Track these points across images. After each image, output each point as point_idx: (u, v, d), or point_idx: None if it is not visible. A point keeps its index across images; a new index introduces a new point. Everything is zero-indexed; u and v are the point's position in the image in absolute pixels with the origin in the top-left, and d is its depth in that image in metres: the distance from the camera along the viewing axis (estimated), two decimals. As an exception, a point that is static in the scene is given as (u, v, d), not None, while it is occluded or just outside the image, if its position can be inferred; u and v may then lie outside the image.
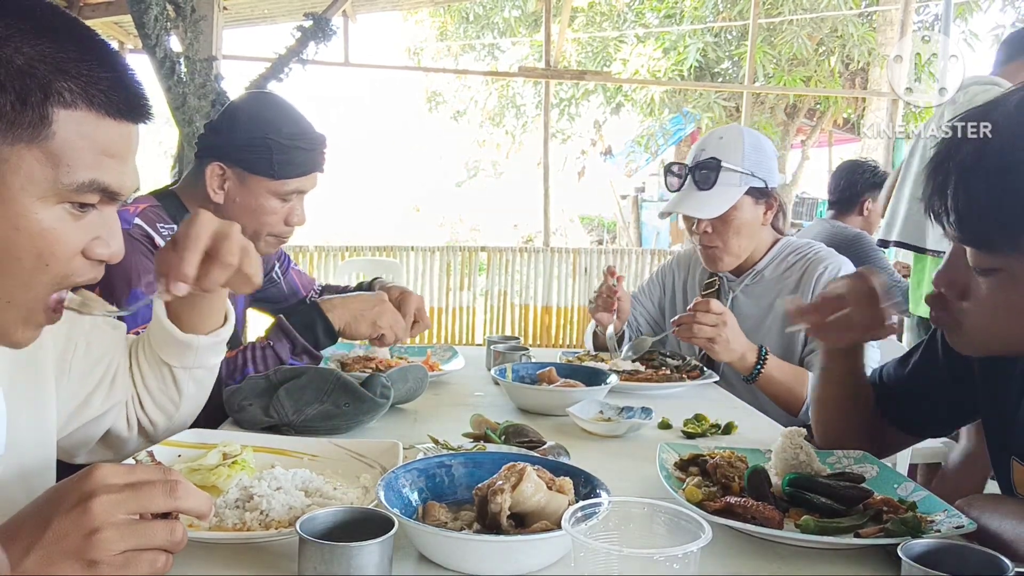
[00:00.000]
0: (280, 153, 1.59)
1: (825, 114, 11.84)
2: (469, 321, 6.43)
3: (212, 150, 1.61)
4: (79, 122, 0.77)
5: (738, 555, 0.93)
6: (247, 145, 1.58)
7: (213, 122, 1.64)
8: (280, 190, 1.63)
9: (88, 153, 0.78)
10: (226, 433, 1.22)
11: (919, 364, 1.28)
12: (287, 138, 1.60)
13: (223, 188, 1.62)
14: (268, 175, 1.60)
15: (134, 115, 0.82)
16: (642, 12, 12.37)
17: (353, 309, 1.60)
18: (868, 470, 1.15)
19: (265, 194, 1.62)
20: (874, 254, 3.45)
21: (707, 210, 1.93)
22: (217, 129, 1.62)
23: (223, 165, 1.60)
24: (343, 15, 6.38)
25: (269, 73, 4.84)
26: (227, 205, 1.62)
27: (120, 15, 5.65)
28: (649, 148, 12.87)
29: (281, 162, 1.60)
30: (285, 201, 1.65)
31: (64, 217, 0.80)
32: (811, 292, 1.92)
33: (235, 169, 1.61)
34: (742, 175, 1.92)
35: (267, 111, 1.62)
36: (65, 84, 0.76)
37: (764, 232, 2.03)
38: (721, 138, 1.98)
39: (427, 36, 14.75)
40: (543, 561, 0.86)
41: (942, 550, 0.80)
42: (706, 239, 1.99)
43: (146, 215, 1.56)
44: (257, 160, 1.59)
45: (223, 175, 1.61)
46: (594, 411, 1.52)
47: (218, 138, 1.61)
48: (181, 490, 0.73)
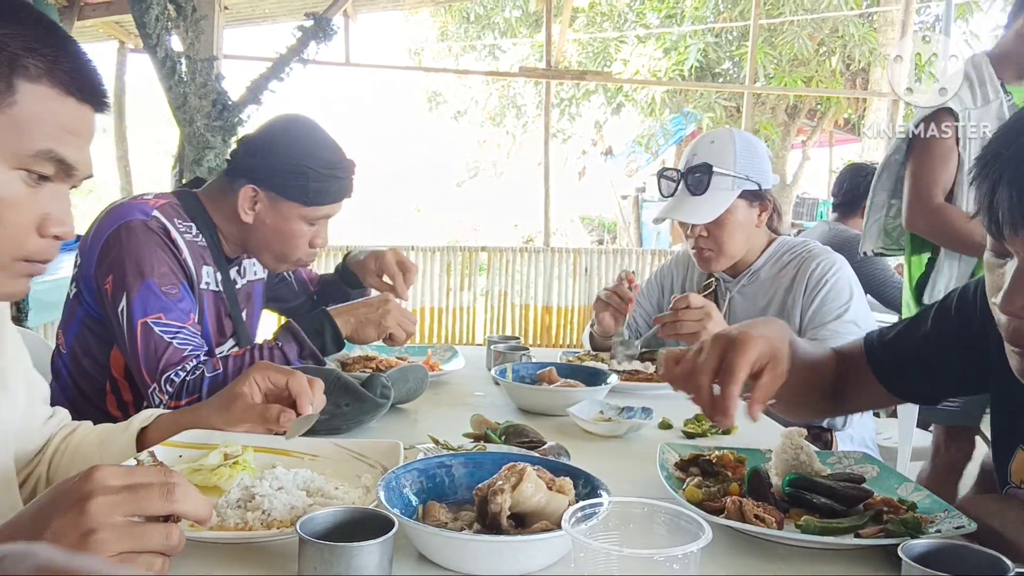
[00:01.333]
0: (316, 181, 1.60)
1: (826, 114, 11.84)
2: (469, 321, 6.43)
3: (247, 171, 1.61)
4: (42, 96, 0.82)
5: (738, 555, 0.93)
6: (284, 171, 1.59)
7: (250, 142, 1.63)
8: (311, 215, 1.64)
9: (48, 125, 0.83)
10: (227, 433, 1.21)
11: (927, 333, 1.24)
12: (324, 167, 1.61)
13: (254, 209, 1.62)
14: (302, 201, 1.61)
15: (93, 100, 0.87)
16: (643, 12, 12.38)
17: (358, 315, 1.62)
18: (868, 470, 1.15)
19: (296, 219, 1.63)
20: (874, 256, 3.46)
21: (700, 216, 1.94)
22: (254, 151, 1.61)
23: (256, 187, 1.61)
24: (344, 15, 6.38)
25: (270, 73, 4.84)
26: (256, 226, 1.63)
27: (121, 15, 5.65)
28: (650, 148, 12.87)
29: (316, 190, 1.61)
30: (312, 225, 1.67)
31: (18, 183, 0.83)
32: (804, 289, 1.93)
33: (268, 192, 1.61)
34: (734, 179, 1.92)
35: (306, 138, 1.62)
36: (31, 61, 0.81)
37: (759, 233, 2.03)
38: (712, 142, 1.98)
39: (428, 36, 14.76)
40: (543, 561, 0.86)
41: (942, 550, 0.80)
42: (701, 242, 1.99)
43: (165, 209, 1.57)
44: (292, 186, 1.60)
45: (255, 197, 1.62)
46: (594, 411, 1.52)
47: (255, 160, 1.61)
48: (179, 493, 0.73)
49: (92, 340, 1.59)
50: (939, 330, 1.22)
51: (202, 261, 1.62)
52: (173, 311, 1.48)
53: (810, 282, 1.92)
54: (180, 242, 1.56)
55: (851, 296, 1.91)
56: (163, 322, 1.47)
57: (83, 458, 1.15)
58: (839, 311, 1.87)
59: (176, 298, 1.50)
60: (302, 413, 1.17)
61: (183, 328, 1.49)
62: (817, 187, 12.34)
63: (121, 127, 6.92)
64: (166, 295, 1.48)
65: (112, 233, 1.50)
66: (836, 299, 1.89)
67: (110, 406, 1.61)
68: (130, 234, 1.50)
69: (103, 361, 1.59)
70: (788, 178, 11.57)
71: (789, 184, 11.47)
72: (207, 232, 1.64)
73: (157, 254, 1.50)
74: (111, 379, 1.60)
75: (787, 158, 11.83)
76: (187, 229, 1.60)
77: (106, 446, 1.16)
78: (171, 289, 1.49)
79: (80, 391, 1.61)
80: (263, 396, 1.20)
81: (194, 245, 1.60)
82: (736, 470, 1.14)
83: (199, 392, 1.44)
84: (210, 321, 1.65)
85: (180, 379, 1.45)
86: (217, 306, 1.67)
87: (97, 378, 1.60)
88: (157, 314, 1.46)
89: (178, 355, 1.46)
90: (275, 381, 1.20)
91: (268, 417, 1.16)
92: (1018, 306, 0.86)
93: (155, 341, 1.46)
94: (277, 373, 1.20)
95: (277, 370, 1.21)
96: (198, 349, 1.50)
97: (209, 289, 1.64)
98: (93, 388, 1.61)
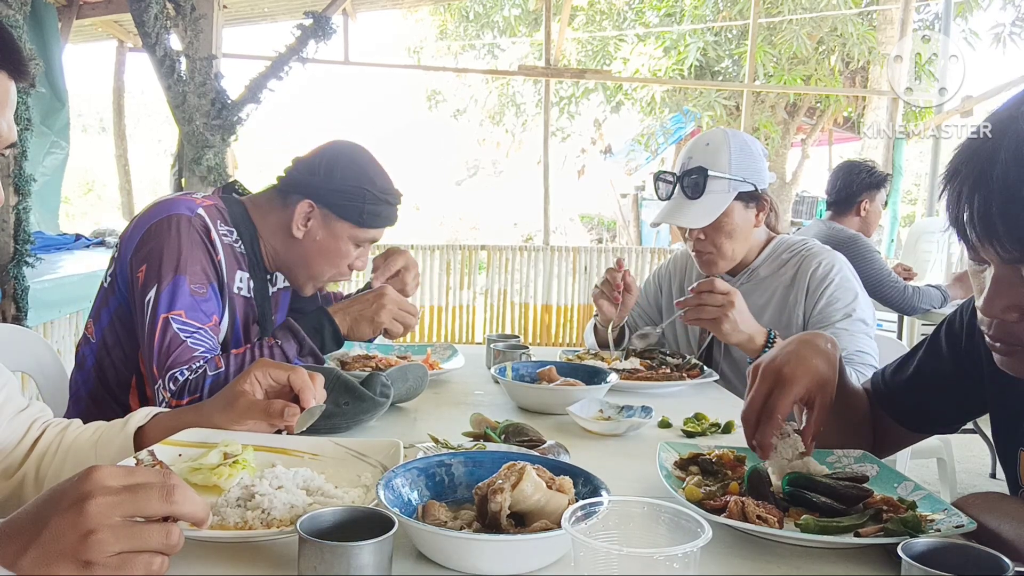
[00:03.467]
0: (372, 204, 1.65)
1: (825, 113, 11.84)
2: (469, 320, 6.43)
3: (305, 188, 1.65)
4: None
5: (738, 555, 0.93)
6: (343, 191, 1.64)
7: (309, 161, 1.68)
8: (360, 237, 1.69)
9: None
10: (227, 432, 1.21)
11: (924, 362, 1.28)
12: (380, 191, 1.67)
13: (306, 225, 1.66)
14: (355, 223, 1.66)
15: (9, 68, 0.87)
16: (642, 11, 12.36)
17: (353, 312, 1.64)
18: (868, 469, 1.15)
19: (345, 239, 1.68)
20: (869, 255, 3.46)
21: (698, 220, 1.94)
22: (314, 170, 1.65)
23: (313, 204, 1.64)
24: (343, 13, 6.38)
25: (269, 72, 4.83)
26: (305, 241, 1.67)
27: (120, 13, 5.64)
28: (649, 147, 12.86)
29: (370, 212, 1.66)
30: (358, 247, 1.71)
31: None
32: (805, 288, 1.93)
33: (324, 210, 1.65)
34: (730, 181, 1.92)
35: (364, 164, 1.68)
36: None
37: (757, 233, 2.03)
38: (707, 145, 1.97)
39: (427, 35, 14.75)
40: (543, 560, 0.86)
41: (942, 549, 0.80)
42: (699, 245, 1.99)
43: (211, 210, 1.60)
44: (349, 207, 1.64)
45: (310, 212, 1.65)
46: (594, 410, 1.52)
47: (314, 178, 1.65)
48: (178, 494, 0.74)
49: (122, 332, 1.60)
50: (933, 358, 1.26)
51: (237, 266, 1.64)
52: (195, 310, 1.50)
53: (812, 281, 1.92)
54: (219, 244, 1.58)
55: (856, 294, 1.91)
56: (183, 319, 1.48)
57: (76, 457, 1.15)
58: (847, 309, 1.87)
59: (202, 297, 1.51)
60: (305, 407, 1.17)
61: (200, 329, 1.50)
62: (816, 185, 12.32)
63: (120, 126, 6.92)
64: (193, 293, 1.50)
65: (155, 224, 1.53)
66: (843, 297, 1.89)
67: (132, 400, 1.62)
68: (171, 227, 1.52)
69: (132, 355, 1.60)
70: (787, 176, 11.56)
71: (788, 182, 11.47)
72: (247, 240, 1.67)
73: (193, 251, 1.52)
74: (138, 373, 1.61)
75: (786, 156, 11.82)
76: (228, 233, 1.62)
77: (101, 445, 1.16)
78: (199, 288, 1.51)
79: (103, 382, 1.62)
80: (264, 393, 1.20)
81: (231, 249, 1.62)
82: (736, 469, 1.14)
83: (200, 391, 1.44)
84: (240, 326, 1.66)
85: (184, 378, 1.45)
86: (246, 312, 1.68)
87: (124, 371, 1.61)
88: (179, 311, 1.48)
89: (188, 354, 1.47)
90: (276, 377, 1.19)
91: (272, 412, 1.16)
92: (998, 309, 0.92)
93: (171, 337, 1.47)
94: (278, 369, 1.20)
95: (277, 366, 1.21)
96: (210, 352, 1.51)
97: (240, 294, 1.65)
98: (119, 380, 1.62)
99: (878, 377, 1.36)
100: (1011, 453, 1.13)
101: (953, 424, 1.32)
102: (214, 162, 4.62)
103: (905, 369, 1.31)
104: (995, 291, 0.92)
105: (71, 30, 5.61)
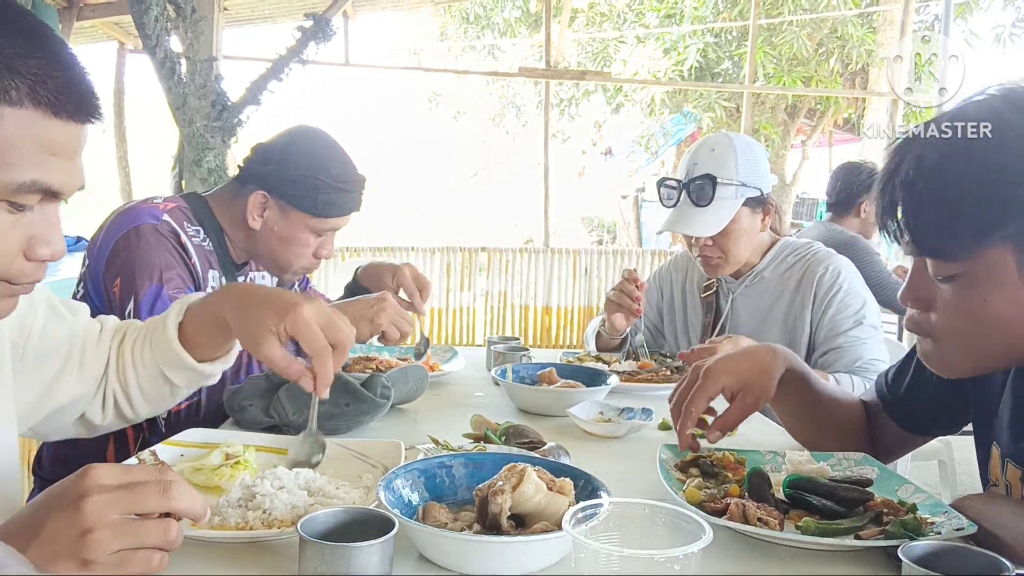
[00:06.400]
0: (326, 193, 1.62)
1: (825, 114, 11.83)
2: (469, 322, 6.42)
3: (259, 178, 1.63)
4: (24, 120, 0.74)
5: (739, 557, 0.93)
6: (296, 181, 1.60)
7: (264, 150, 1.65)
8: (318, 227, 1.66)
9: (31, 152, 0.75)
10: (229, 433, 1.22)
11: (919, 365, 1.28)
12: (335, 180, 1.63)
13: (262, 216, 1.64)
14: (311, 212, 1.63)
15: (82, 115, 0.79)
16: (642, 12, 12.36)
17: (351, 312, 1.62)
18: (868, 471, 1.15)
19: (303, 228, 1.65)
20: (869, 257, 3.45)
21: (708, 228, 1.92)
22: (268, 159, 1.63)
23: (267, 195, 1.63)
24: (343, 15, 6.38)
25: (269, 73, 4.84)
26: (263, 232, 1.65)
27: (120, 15, 5.65)
28: (650, 148, 12.87)
29: (326, 202, 1.63)
30: (319, 236, 1.68)
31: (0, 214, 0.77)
32: (812, 293, 1.92)
33: (278, 201, 1.63)
34: (737, 187, 1.91)
35: (319, 150, 1.64)
36: (12, 82, 0.73)
37: (762, 236, 2.03)
38: (713, 150, 1.95)
39: (427, 36, 14.75)
40: (543, 562, 0.86)
41: (942, 552, 0.80)
42: (707, 251, 1.97)
43: (175, 213, 1.59)
44: (303, 197, 1.61)
45: (265, 203, 1.63)
46: (594, 412, 1.52)
47: (267, 168, 1.63)
48: (175, 491, 0.73)
49: None
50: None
51: (208, 265, 1.63)
52: None
53: (820, 287, 1.91)
54: (189, 246, 1.57)
55: (864, 300, 1.90)
56: None
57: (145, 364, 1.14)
58: (858, 316, 1.87)
59: None
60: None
61: None
62: (817, 187, 12.31)
63: (121, 127, 6.91)
64: (172, 299, 1.48)
65: (122, 237, 1.52)
66: (852, 304, 1.88)
67: None
68: (140, 238, 1.51)
69: None
70: (788, 178, 11.56)
71: (789, 184, 11.46)
72: (214, 236, 1.66)
73: (166, 258, 1.51)
74: None
75: (787, 158, 11.82)
76: (195, 233, 1.61)
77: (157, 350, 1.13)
78: (177, 293, 1.50)
79: None
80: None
81: (201, 249, 1.62)
82: (736, 471, 1.14)
83: (197, 393, 1.44)
84: None
85: None
86: None
87: None
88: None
89: None
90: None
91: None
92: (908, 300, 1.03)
93: None
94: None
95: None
96: None
97: None
98: None
99: (881, 383, 1.36)
100: (986, 446, 1.15)
101: (953, 425, 1.32)
102: (214, 164, 4.63)
103: (904, 373, 1.31)
104: (907, 283, 1.03)
105: (72, 32, 5.62)
